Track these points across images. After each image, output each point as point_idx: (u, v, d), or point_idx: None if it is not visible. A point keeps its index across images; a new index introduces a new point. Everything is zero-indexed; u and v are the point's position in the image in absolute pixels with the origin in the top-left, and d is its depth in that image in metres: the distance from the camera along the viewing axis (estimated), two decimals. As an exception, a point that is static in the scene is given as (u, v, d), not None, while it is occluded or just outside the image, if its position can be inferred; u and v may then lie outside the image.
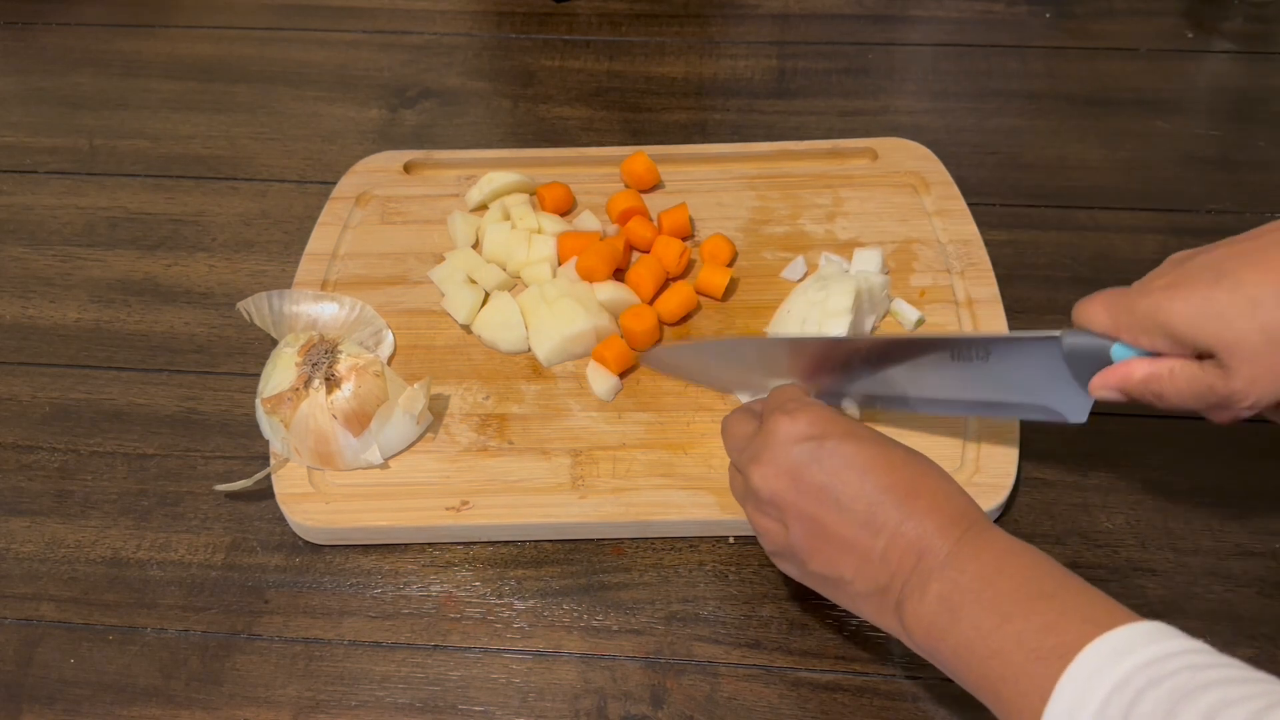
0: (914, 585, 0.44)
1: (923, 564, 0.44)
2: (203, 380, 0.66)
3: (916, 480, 0.45)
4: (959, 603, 0.42)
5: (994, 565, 0.43)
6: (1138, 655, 0.37)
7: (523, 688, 0.54)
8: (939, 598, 0.43)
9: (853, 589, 0.46)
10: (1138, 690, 0.36)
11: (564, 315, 0.64)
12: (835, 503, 0.45)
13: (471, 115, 0.82)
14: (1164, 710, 0.35)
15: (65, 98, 0.85)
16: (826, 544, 0.46)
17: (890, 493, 0.45)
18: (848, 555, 0.45)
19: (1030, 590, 0.42)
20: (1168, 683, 0.36)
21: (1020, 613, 0.41)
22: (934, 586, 0.43)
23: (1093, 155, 0.77)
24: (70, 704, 0.54)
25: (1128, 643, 0.38)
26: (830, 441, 0.46)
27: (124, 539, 0.60)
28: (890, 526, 0.44)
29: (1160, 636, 0.38)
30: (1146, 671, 0.37)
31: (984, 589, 0.42)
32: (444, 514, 0.58)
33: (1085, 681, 0.37)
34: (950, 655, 0.43)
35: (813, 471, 0.46)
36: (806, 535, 0.46)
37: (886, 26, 0.88)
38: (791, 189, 0.73)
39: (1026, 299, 0.68)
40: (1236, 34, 0.87)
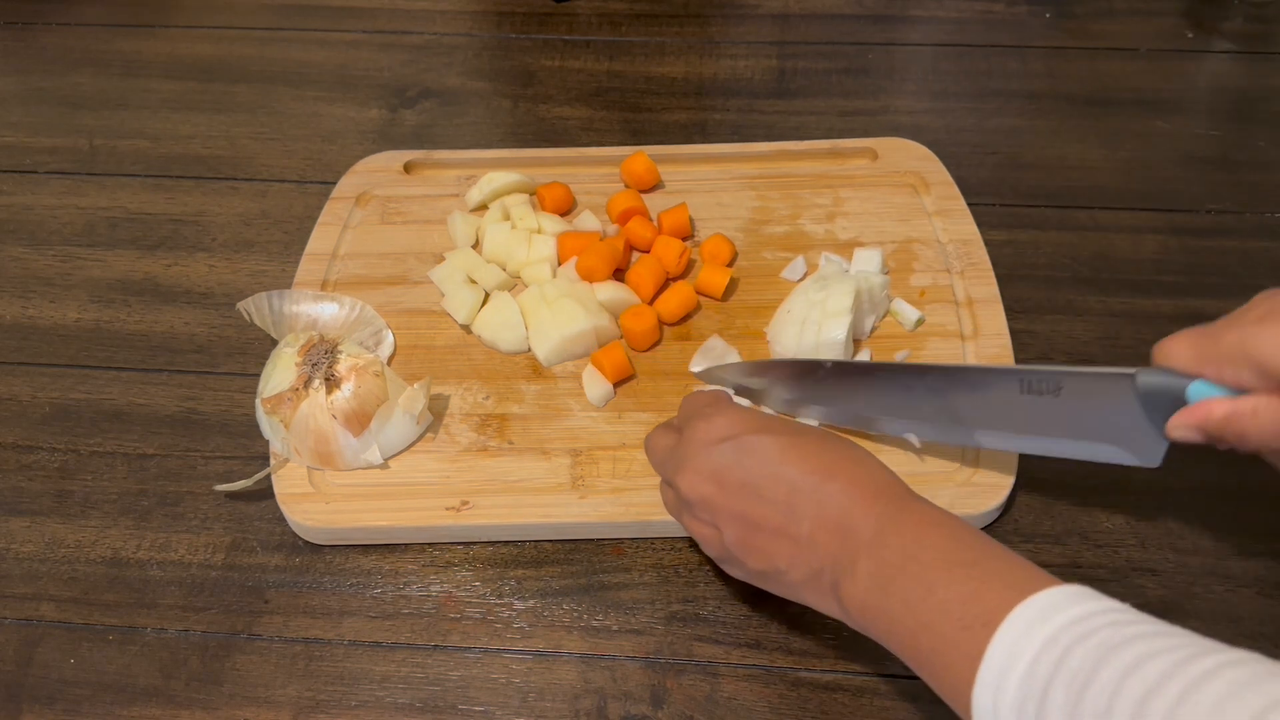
0: (844, 565, 0.44)
1: (848, 543, 0.44)
2: (203, 380, 0.66)
3: (833, 462, 0.46)
4: (887, 578, 0.43)
5: (915, 538, 0.43)
6: (1062, 615, 0.38)
7: (523, 688, 0.54)
8: (868, 575, 0.44)
9: (790, 578, 0.47)
10: (1065, 647, 0.37)
11: (564, 315, 0.64)
12: (758, 496, 0.46)
13: (471, 115, 0.82)
14: (1092, 662, 0.36)
15: (65, 98, 0.85)
16: (758, 538, 0.47)
17: (808, 476, 0.46)
18: (779, 545, 0.46)
19: (951, 559, 0.42)
20: (1094, 638, 0.37)
21: (943, 583, 0.41)
22: (862, 565, 0.44)
23: (1093, 155, 0.77)
24: (70, 704, 0.54)
25: (1051, 605, 0.39)
26: (746, 438, 0.47)
27: (124, 539, 0.60)
28: (812, 510, 0.45)
29: (1083, 598, 0.39)
30: (1072, 630, 0.37)
31: (907, 562, 0.43)
32: (444, 514, 0.58)
33: (1012, 645, 0.38)
34: (885, 632, 0.43)
35: (733, 470, 0.47)
36: (739, 533, 0.47)
37: (886, 26, 0.88)
38: (791, 189, 0.73)
39: (1026, 299, 0.68)
40: (1236, 34, 0.87)
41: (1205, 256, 0.70)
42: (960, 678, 0.39)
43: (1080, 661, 0.36)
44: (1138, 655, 0.35)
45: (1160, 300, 0.68)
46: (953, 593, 0.41)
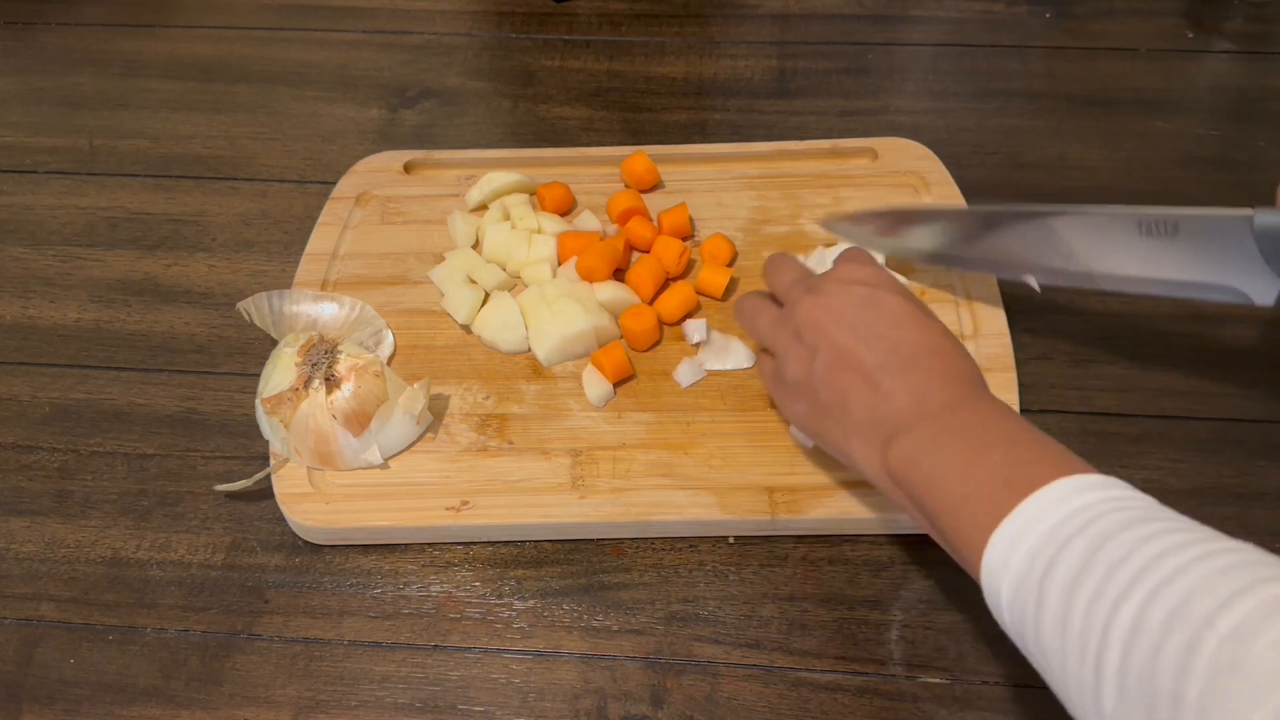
0: (906, 424, 0.47)
1: (921, 407, 0.47)
2: (203, 380, 0.66)
3: (938, 343, 0.49)
4: (944, 439, 0.45)
5: (985, 417, 0.46)
6: (1100, 492, 0.40)
7: (523, 688, 0.54)
8: (928, 433, 0.46)
9: (851, 418, 0.49)
10: (1096, 514, 0.39)
11: (564, 315, 0.64)
12: (864, 340, 0.49)
13: (471, 115, 0.82)
14: (1118, 525, 0.38)
15: (65, 98, 0.85)
16: (843, 371, 0.49)
17: (913, 345, 0.49)
18: (858, 385, 0.49)
19: (1014, 437, 0.44)
20: (1125, 512, 0.39)
21: (1000, 451, 0.44)
22: (925, 425, 0.46)
23: (1093, 155, 0.77)
24: (70, 704, 0.54)
25: (1099, 483, 0.41)
26: (881, 292, 0.51)
27: (124, 539, 0.60)
28: (902, 370, 0.48)
29: (1123, 485, 0.41)
30: (1106, 503, 0.40)
31: (971, 431, 0.45)
32: (444, 514, 0.58)
33: (1048, 504, 0.40)
34: (920, 482, 0.45)
35: (856, 310, 0.50)
36: (829, 362, 0.50)
37: (886, 26, 0.88)
38: (791, 189, 0.73)
39: (1027, 299, 0.68)
40: (1236, 34, 0.87)
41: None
42: (984, 524, 0.41)
43: (1107, 524, 0.38)
44: (1165, 528, 0.38)
45: (1160, 300, 0.68)
46: (1006, 459, 0.43)
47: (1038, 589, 0.39)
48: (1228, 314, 0.67)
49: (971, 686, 0.53)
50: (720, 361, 0.64)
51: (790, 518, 0.57)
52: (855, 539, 0.58)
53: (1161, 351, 0.65)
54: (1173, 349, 0.65)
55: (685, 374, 0.63)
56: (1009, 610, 0.41)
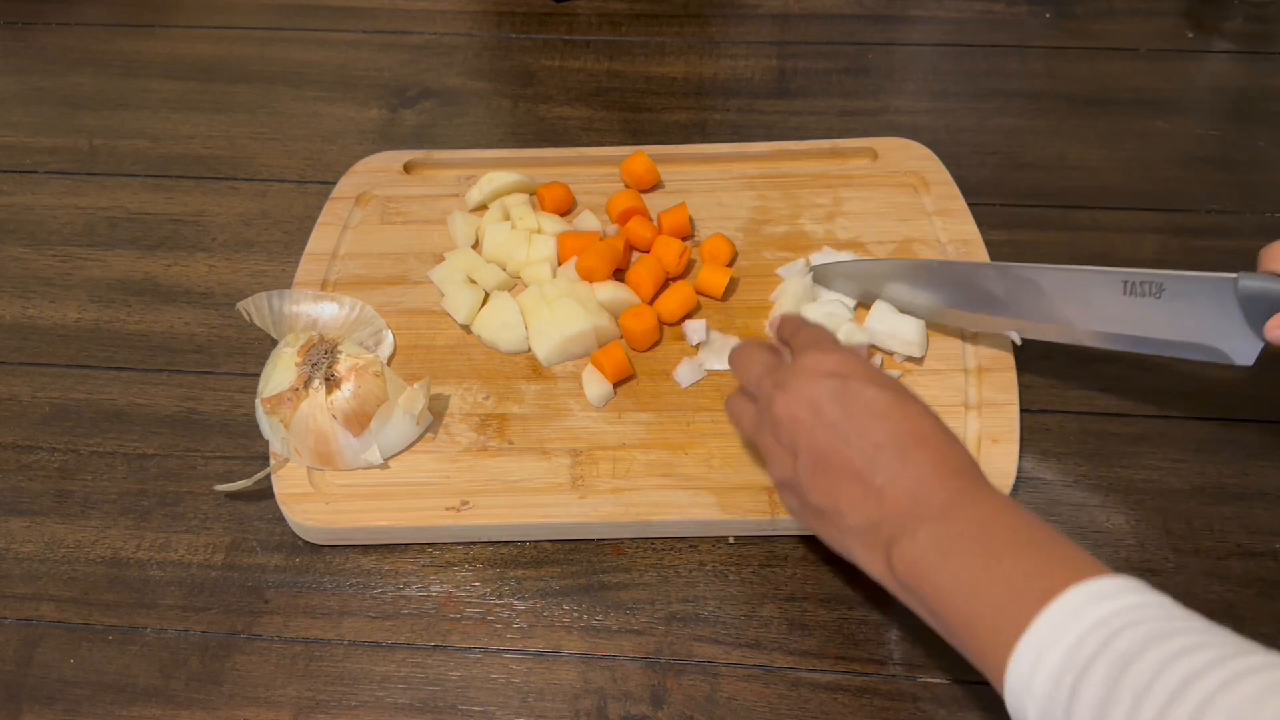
0: (907, 527, 0.45)
1: (918, 508, 0.45)
2: (203, 380, 0.66)
3: (925, 432, 0.47)
4: (950, 545, 0.44)
5: (989, 516, 0.44)
6: (1116, 601, 0.39)
7: (523, 688, 0.54)
8: (931, 539, 0.44)
9: (846, 522, 0.47)
10: (1114, 630, 0.38)
11: (564, 315, 0.64)
12: (845, 438, 0.47)
13: (471, 115, 0.82)
14: (1139, 645, 0.37)
15: (65, 98, 0.85)
16: (829, 475, 0.47)
17: (898, 438, 0.47)
18: (848, 488, 0.47)
19: (1021, 540, 0.43)
20: (1144, 626, 0.38)
21: (1009, 556, 0.42)
22: (926, 529, 0.44)
23: (1093, 155, 0.77)
24: (70, 704, 0.54)
25: (1108, 590, 0.40)
26: (855, 383, 0.48)
27: (124, 539, 0.60)
28: (893, 468, 0.46)
29: (1139, 589, 0.40)
30: (1124, 615, 0.38)
31: (978, 534, 0.44)
32: (444, 514, 0.58)
33: (1064, 619, 0.39)
34: (931, 593, 0.44)
35: (832, 406, 0.48)
36: (813, 465, 0.48)
37: (886, 26, 0.88)
38: (791, 189, 0.73)
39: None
40: (1236, 34, 0.87)
41: (1205, 256, 0.70)
42: (1003, 642, 0.40)
43: (1127, 644, 0.37)
44: (1184, 645, 0.37)
45: (1160, 300, 0.68)
46: (1018, 566, 0.42)
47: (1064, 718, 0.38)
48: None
49: (971, 686, 0.53)
50: (720, 361, 0.64)
51: (790, 518, 0.57)
52: (855, 539, 0.58)
53: (1161, 351, 0.65)
54: (1173, 349, 0.65)
55: (685, 374, 0.63)
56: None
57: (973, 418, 0.60)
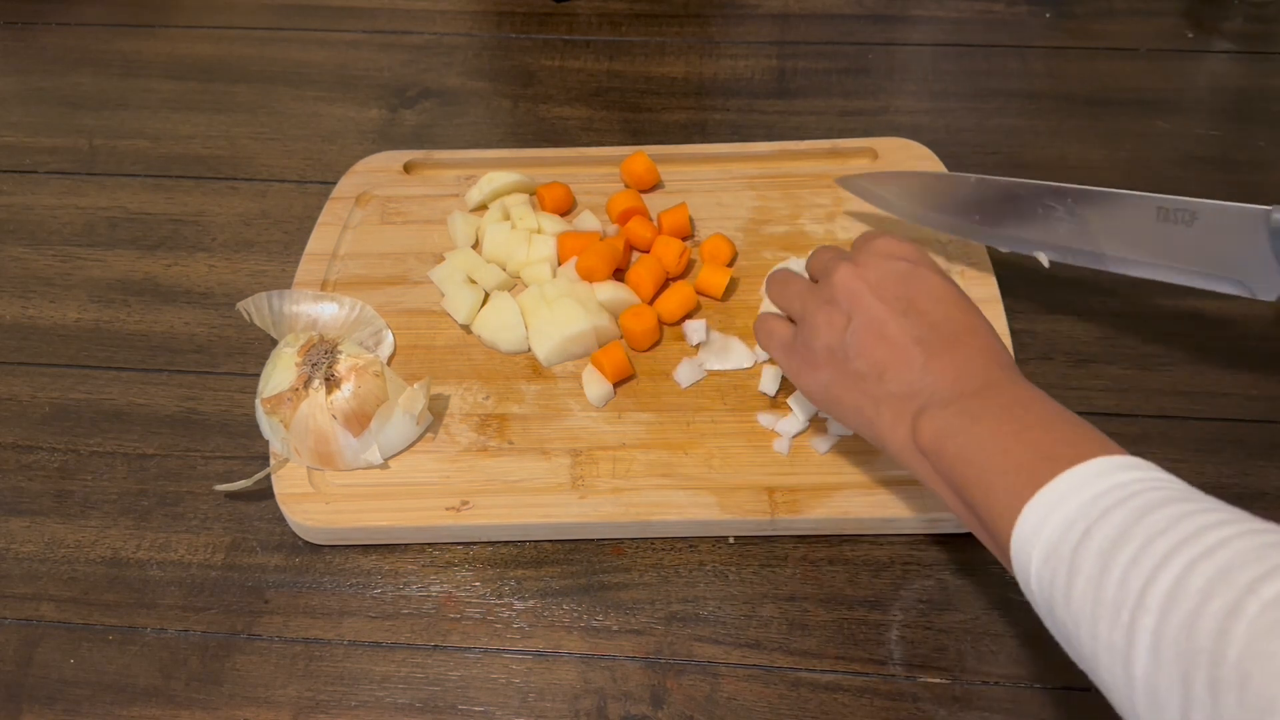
0: (940, 399, 0.46)
1: (959, 383, 0.47)
2: (203, 380, 0.66)
3: (979, 325, 0.49)
4: (981, 412, 0.45)
5: (1026, 398, 0.46)
6: (1145, 472, 0.40)
7: (523, 688, 0.54)
8: (961, 409, 0.46)
9: (885, 387, 0.49)
10: (1135, 491, 0.39)
11: (564, 315, 0.64)
12: (905, 312, 0.49)
13: (471, 115, 0.82)
14: (1159, 500, 0.38)
15: (65, 98, 0.85)
16: (879, 342, 0.49)
17: (953, 323, 0.49)
18: (894, 356, 0.48)
19: (1053, 418, 0.44)
20: (1168, 489, 0.39)
21: (1039, 427, 0.43)
22: (963, 401, 0.46)
23: (1093, 155, 0.77)
24: (70, 704, 0.54)
25: (1136, 464, 0.41)
26: (922, 269, 0.51)
27: (124, 539, 0.60)
28: (944, 347, 0.48)
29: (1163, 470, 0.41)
30: (1149, 483, 0.39)
31: (1011, 407, 0.45)
32: (444, 514, 0.58)
33: (1086, 478, 0.40)
34: (952, 454, 0.45)
35: (896, 284, 0.50)
36: (866, 329, 0.49)
37: (886, 26, 0.88)
38: (791, 189, 0.73)
39: (1026, 299, 0.68)
40: (1236, 34, 0.87)
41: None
42: (1019, 493, 0.41)
43: (1146, 501, 0.38)
44: (1202, 506, 0.38)
45: (1160, 300, 0.68)
46: (1043, 435, 0.43)
47: (1070, 555, 0.39)
48: (1228, 315, 0.67)
49: (971, 686, 0.53)
50: (720, 361, 0.64)
51: (790, 518, 0.57)
52: (855, 539, 0.58)
53: (1161, 351, 0.65)
54: (1173, 349, 0.65)
55: (685, 374, 0.63)
56: (1037, 578, 0.40)
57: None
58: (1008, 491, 0.42)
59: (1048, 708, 0.52)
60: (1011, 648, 0.54)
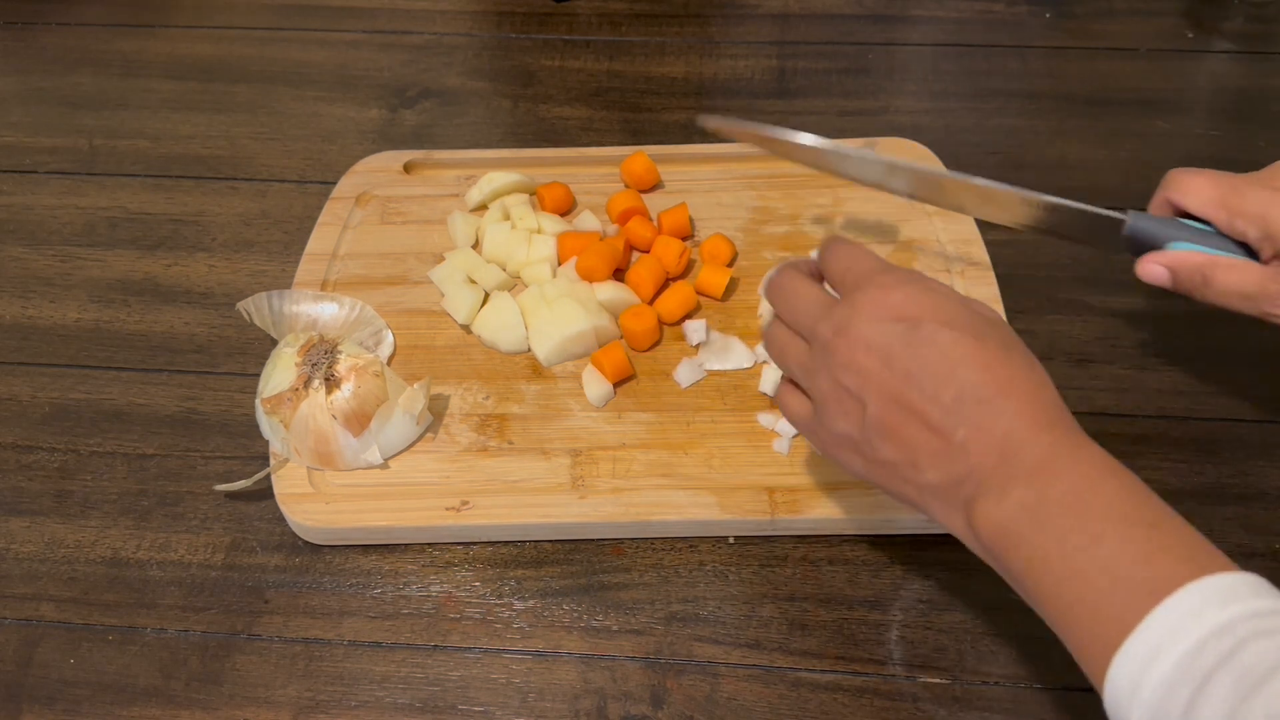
0: (993, 485, 0.41)
1: (1007, 464, 0.41)
2: (203, 380, 0.66)
3: (1012, 378, 0.42)
4: (1045, 514, 0.40)
5: (1089, 481, 0.40)
6: (1241, 605, 0.35)
7: (523, 688, 0.54)
8: (1021, 504, 0.40)
9: (922, 478, 0.43)
10: (1240, 639, 0.34)
11: (564, 315, 0.64)
12: (921, 388, 0.43)
13: (471, 115, 0.82)
14: (1272, 662, 0.33)
15: (65, 98, 0.85)
16: (907, 427, 0.43)
17: (982, 388, 0.42)
18: (926, 441, 0.43)
19: (1128, 515, 0.39)
20: (1276, 639, 0.34)
21: (1114, 536, 0.38)
22: (1017, 491, 0.40)
23: (1093, 155, 0.77)
24: (70, 704, 0.54)
25: (1231, 590, 0.36)
26: (928, 326, 0.43)
27: (124, 539, 0.60)
28: (976, 419, 0.42)
29: (1266, 591, 0.36)
30: (1251, 623, 0.35)
31: (1075, 503, 0.39)
32: (444, 514, 0.58)
33: (1179, 621, 0.35)
34: (1022, 567, 0.40)
35: (904, 355, 0.43)
36: (886, 415, 0.44)
37: (886, 26, 0.88)
38: (791, 189, 0.73)
39: (1026, 299, 0.68)
40: (1236, 34, 0.87)
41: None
42: (1106, 639, 0.37)
43: (1256, 658, 0.34)
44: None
45: (1160, 300, 0.68)
46: (1123, 550, 0.38)
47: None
48: (1228, 314, 0.66)
49: (971, 686, 0.53)
50: (720, 361, 0.64)
51: (790, 518, 0.57)
52: (855, 539, 0.58)
53: (1161, 351, 0.65)
54: (1173, 349, 0.65)
55: (685, 374, 0.63)
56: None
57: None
58: (1091, 633, 0.38)
59: (1048, 708, 0.52)
60: (1011, 648, 0.54)
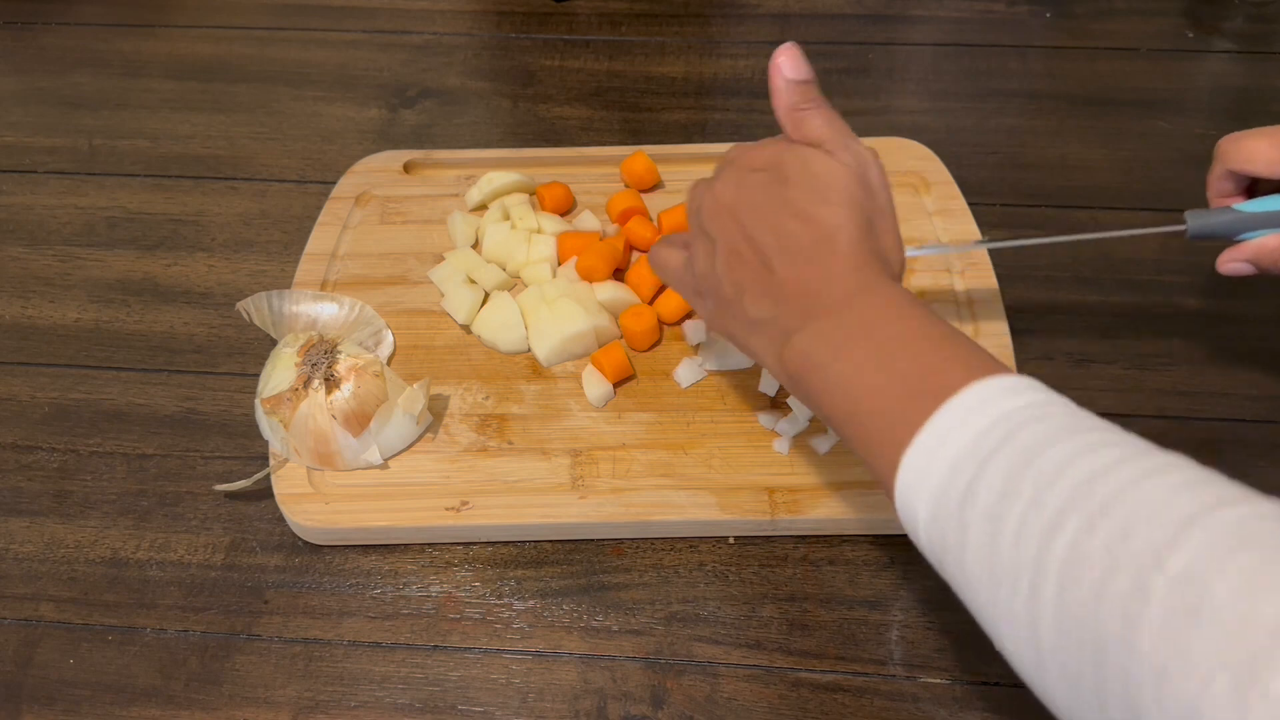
0: (803, 319, 0.44)
1: (813, 302, 0.44)
2: (202, 380, 0.66)
3: (840, 225, 0.45)
4: (841, 341, 0.43)
5: (883, 311, 0.43)
6: (1019, 398, 0.38)
7: (523, 688, 0.54)
8: (821, 334, 0.43)
9: (748, 314, 0.47)
10: (1017, 424, 0.36)
11: (564, 315, 0.64)
12: (761, 227, 0.46)
13: (471, 115, 0.82)
14: (1043, 439, 0.35)
15: (65, 98, 0.85)
16: (741, 262, 0.47)
17: (809, 227, 0.45)
18: (754, 276, 0.46)
19: (917, 335, 0.41)
20: (1049, 421, 0.36)
21: (905, 354, 0.41)
22: (818, 324, 0.43)
23: (1093, 155, 0.77)
24: (70, 704, 0.54)
25: (1010, 388, 0.38)
26: (780, 171, 0.48)
27: (123, 539, 0.60)
28: (798, 259, 0.45)
29: (1040, 388, 0.39)
30: (1027, 411, 0.37)
31: (871, 330, 0.42)
32: (444, 514, 0.58)
33: (965, 414, 0.38)
34: (820, 390, 0.43)
35: (756, 194, 0.47)
36: (727, 251, 0.47)
37: (886, 26, 0.88)
38: (791, 189, 0.73)
39: (1027, 299, 0.68)
40: (1236, 34, 0.87)
41: (1205, 256, 0.70)
42: (897, 439, 0.39)
43: (1031, 438, 0.36)
44: (1091, 441, 0.35)
45: (1160, 300, 0.68)
46: (912, 365, 0.40)
47: (958, 514, 0.36)
48: (1228, 314, 0.67)
49: (971, 686, 0.53)
50: (720, 361, 0.64)
51: (790, 518, 0.57)
52: (855, 539, 0.58)
53: (1161, 351, 0.65)
54: (1173, 349, 0.65)
55: (685, 374, 0.63)
56: (926, 534, 0.38)
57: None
58: (881, 437, 0.40)
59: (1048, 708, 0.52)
60: (1012, 648, 0.54)
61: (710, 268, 0.49)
